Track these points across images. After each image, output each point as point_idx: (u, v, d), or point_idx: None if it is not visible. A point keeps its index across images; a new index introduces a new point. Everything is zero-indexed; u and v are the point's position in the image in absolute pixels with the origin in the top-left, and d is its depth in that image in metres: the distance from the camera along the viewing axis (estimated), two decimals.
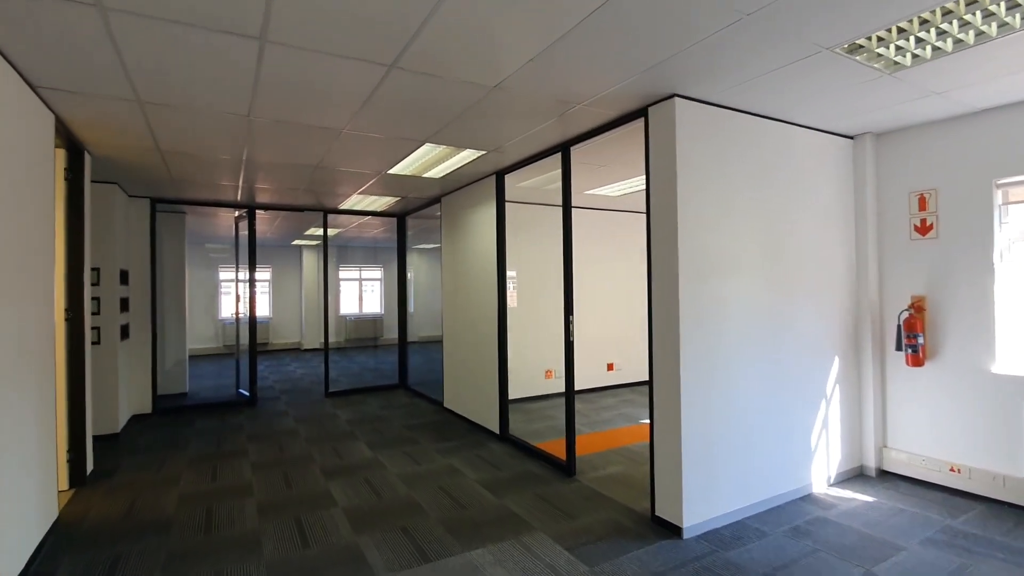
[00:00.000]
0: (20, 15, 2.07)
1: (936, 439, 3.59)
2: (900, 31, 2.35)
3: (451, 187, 5.63)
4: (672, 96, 2.97)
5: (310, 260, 12.29)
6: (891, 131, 3.78)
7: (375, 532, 3.05)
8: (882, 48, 2.49)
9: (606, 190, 5.72)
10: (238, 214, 6.87)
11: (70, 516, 3.30)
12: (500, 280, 4.92)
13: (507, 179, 4.90)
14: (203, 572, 2.65)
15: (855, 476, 3.82)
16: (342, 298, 13.10)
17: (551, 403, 6.25)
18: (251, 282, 6.57)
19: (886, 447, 3.83)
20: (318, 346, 12.27)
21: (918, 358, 3.58)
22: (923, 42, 2.47)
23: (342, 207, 6.77)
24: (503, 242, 4.91)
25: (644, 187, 5.43)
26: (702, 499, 3.02)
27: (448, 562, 2.71)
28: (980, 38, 2.43)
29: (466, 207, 5.57)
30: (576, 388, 4.10)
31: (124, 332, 5.44)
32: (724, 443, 3.13)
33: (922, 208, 3.65)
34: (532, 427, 5.22)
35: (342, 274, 13.13)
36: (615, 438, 4.86)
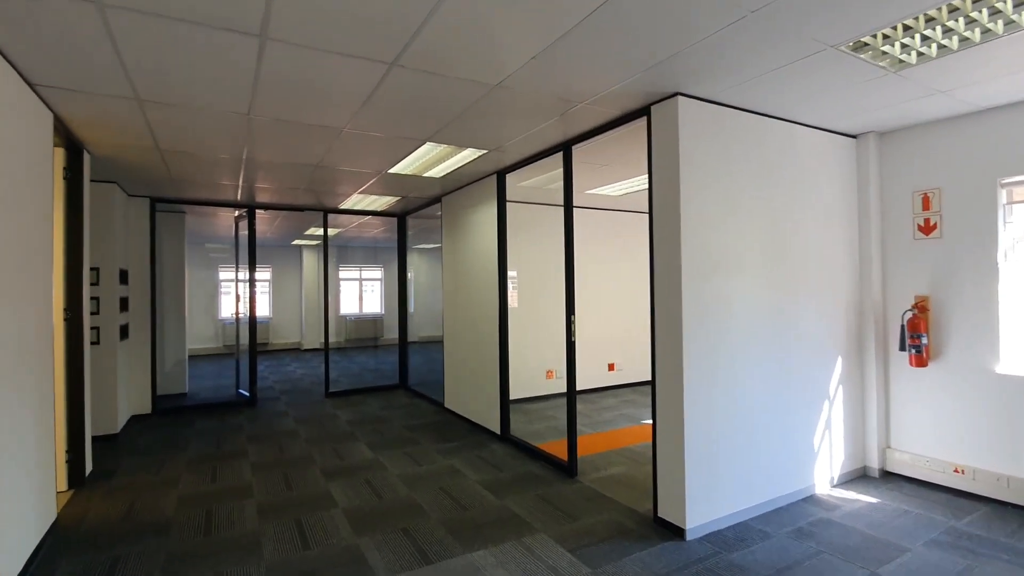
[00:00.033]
0: (18, 12, 2.05)
1: (940, 440, 3.57)
2: (906, 29, 2.33)
3: (452, 187, 5.62)
4: (675, 95, 2.95)
5: (310, 260, 12.28)
6: (895, 130, 3.76)
7: (376, 533, 3.04)
8: (887, 46, 2.47)
9: (607, 190, 5.70)
10: (238, 214, 6.85)
11: (69, 517, 3.28)
12: (501, 280, 4.90)
13: (508, 178, 4.88)
14: (203, 574, 2.63)
15: (858, 477, 3.80)
16: (342, 298, 13.09)
17: (552, 403, 6.23)
18: (251, 282, 6.55)
19: (889, 448, 3.81)
20: (318, 346, 12.26)
21: (922, 358, 3.56)
22: (929, 40, 2.45)
23: (342, 207, 6.75)
24: (504, 242, 4.89)
25: (645, 187, 5.52)
26: (705, 500, 3.00)
27: (449, 563, 2.69)
28: (986, 36, 2.41)
29: (467, 207, 5.55)
30: (577, 388, 4.08)
31: (123, 332, 5.42)
32: (727, 443, 3.11)
33: (926, 207, 3.63)
34: (533, 428, 5.20)
35: (342, 274, 13.12)
36: (617, 439, 4.84)
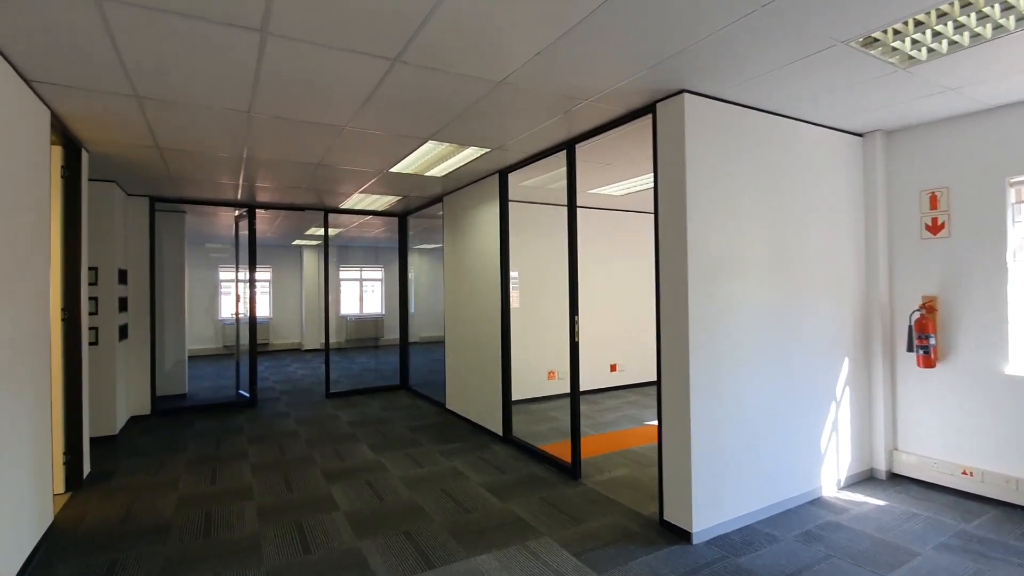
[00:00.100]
0: (15, 7, 2.01)
1: (948, 442, 3.53)
2: (917, 24, 2.29)
3: (453, 186, 5.58)
4: (681, 92, 2.91)
5: (311, 260, 12.24)
6: (902, 128, 3.72)
7: (378, 537, 2.99)
8: (898, 42, 2.43)
9: (610, 189, 5.66)
10: (238, 213, 6.81)
11: (66, 520, 3.23)
12: (503, 280, 4.86)
13: (510, 178, 4.84)
14: None
15: (865, 479, 3.75)
16: (343, 298, 13.05)
17: (554, 404, 6.19)
18: (251, 282, 6.51)
19: (896, 450, 3.77)
20: (318, 347, 12.22)
21: (930, 359, 3.52)
22: (940, 36, 2.41)
23: (343, 206, 6.72)
24: (506, 242, 4.85)
25: (648, 186, 5.48)
26: (711, 503, 2.96)
27: (453, 568, 2.65)
28: (997, 32, 2.38)
29: (469, 206, 5.51)
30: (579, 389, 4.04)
31: (123, 332, 5.38)
32: (733, 445, 3.07)
33: (933, 207, 3.59)
34: (535, 429, 5.16)
35: (343, 274, 13.08)
36: (620, 440, 4.80)
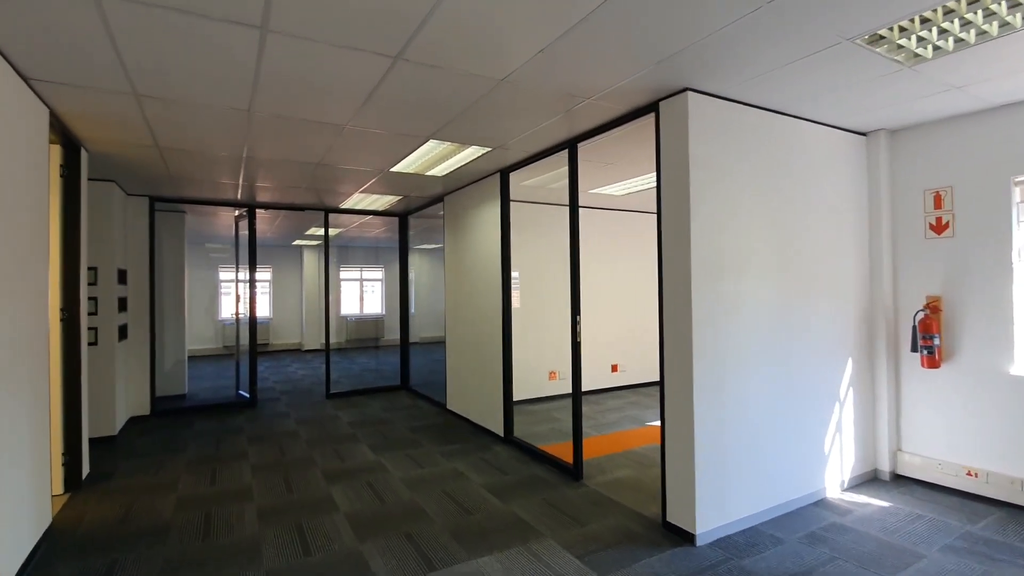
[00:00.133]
0: (12, 4, 1.99)
1: (952, 442, 3.51)
2: (924, 21, 2.27)
3: (454, 186, 5.55)
4: (684, 90, 2.89)
5: (311, 260, 12.22)
6: (906, 127, 3.70)
7: (379, 539, 2.97)
8: (904, 39, 2.41)
9: (611, 189, 5.64)
10: (238, 213, 6.79)
11: (65, 521, 3.21)
12: (505, 280, 4.83)
13: (511, 177, 4.82)
14: None
15: (869, 480, 3.73)
16: (343, 299, 13.02)
17: (555, 405, 6.16)
18: (251, 282, 6.49)
19: (900, 451, 3.75)
20: (319, 347, 12.19)
21: (934, 360, 3.50)
22: (946, 33, 2.39)
23: (343, 206, 6.69)
24: (508, 241, 4.83)
25: (649, 186, 5.46)
26: (714, 504, 2.94)
27: (455, 570, 2.63)
28: (1004, 29, 2.36)
29: (469, 206, 5.49)
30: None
31: (122, 332, 5.36)
32: (737, 446, 3.04)
33: (937, 206, 3.57)
34: (536, 429, 5.14)
35: (343, 274, 13.05)
36: (621, 441, 4.77)
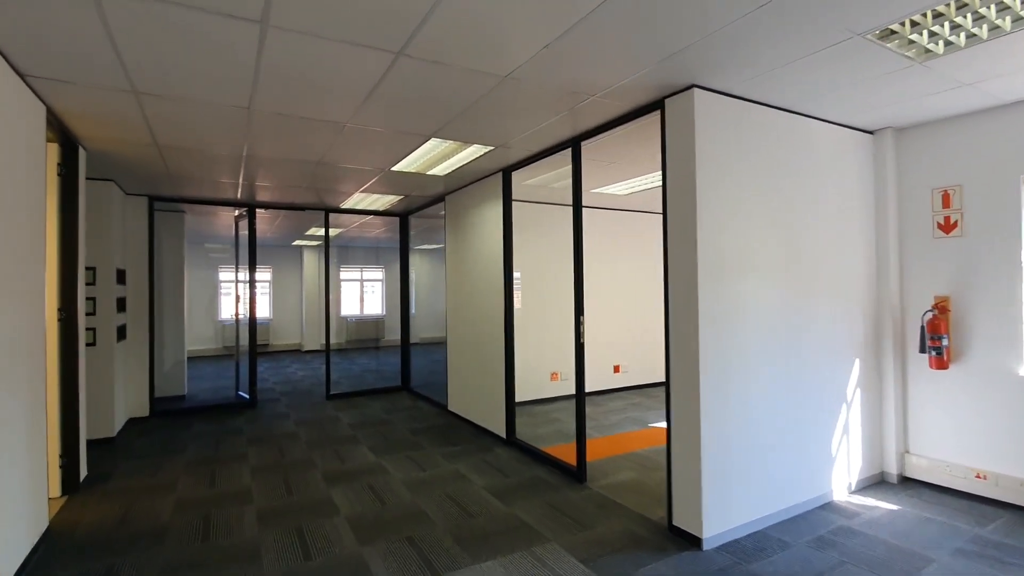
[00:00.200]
0: None
1: (961, 444, 3.46)
2: (936, 16, 2.23)
3: (455, 185, 5.51)
4: (691, 87, 2.84)
5: (311, 260, 12.18)
6: (913, 125, 3.65)
7: (380, 542, 2.92)
8: (915, 34, 2.37)
9: (614, 188, 5.59)
10: (238, 213, 6.75)
11: (62, 524, 3.17)
12: (507, 280, 4.79)
13: (513, 176, 4.77)
14: None
15: (876, 483, 3.68)
16: (343, 299, 12.98)
17: (556, 406, 6.12)
18: (251, 282, 6.44)
19: (908, 453, 3.70)
20: (319, 347, 12.15)
21: (942, 360, 3.45)
22: (958, 28, 2.35)
23: (344, 206, 6.65)
24: (510, 241, 4.78)
25: (652, 185, 5.41)
26: (721, 508, 2.89)
27: (458, 575, 2.58)
28: (1017, 24, 2.31)
29: (471, 206, 5.44)
30: None
31: (121, 333, 5.31)
32: (744, 449, 3.00)
33: (946, 205, 3.52)
34: (539, 431, 5.09)
35: (343, 275, 13.01)
36: (625, 443, 4.73)
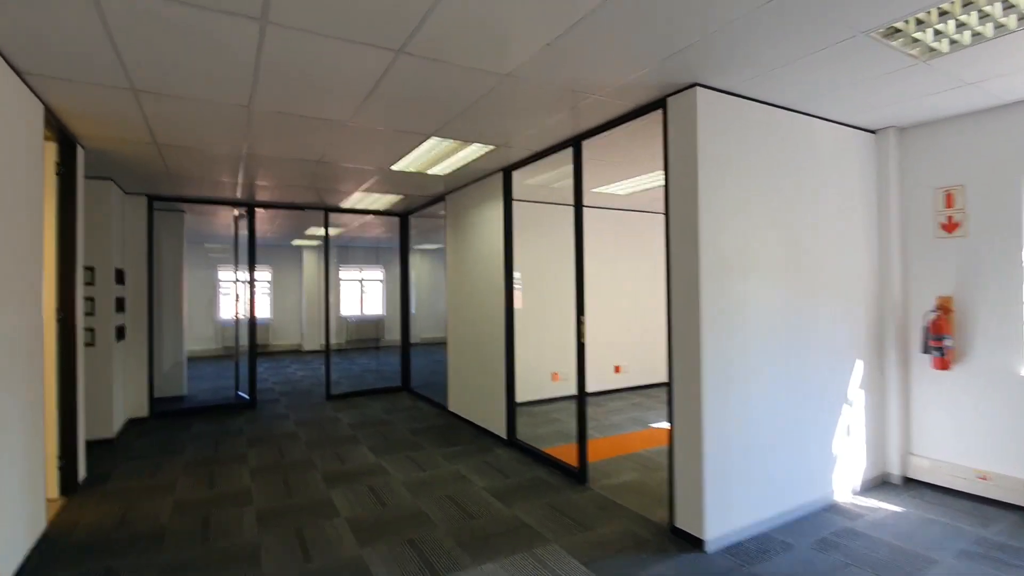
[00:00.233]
0: None
1: (963, 445, 3.44)
2: (942, 13, 2.21)
3: (456, 185, 5.49)
4: (693, 85, 2.82)
5: (311, 260, 12.15)
6: (916, 125, 3.63)
7: (380, 544, 2.90)
8: (920, 32, 2.35)
9: (614, 188, 5.58)
10: (238, 212, 6.72)
11: (60, 526, 3.14)
12: (508, 280, 4.77)
13: (514, 176, 4.75)
14: None
15: (879, 484, 3.66)
16: (343, 299, 12.95)
17: (557, 406, 6.10)
18: (251, 282, 6.42)
19: (911, 454, 3.68)
20: (319, 348, 12.12)
21: (945, 361, 3.44)
22: (964, 26, 2.33)
23: (344, 205, 6.63)
24: (511, 241, 4.76)
25: (652, 185, 5.40)
26: (724, 509, 2.87)
27: None
28: (1023, 22, 2.30)
29: (472, 205, 5.42)
30: None
31: (120, 333, 5.29)
32: (747, 450, 2.98)
33: (948, 205, 3.51)
34: (539, 431, 5.07)
35: (343, 275, 12.98)
36: (626, 443, 4.71)
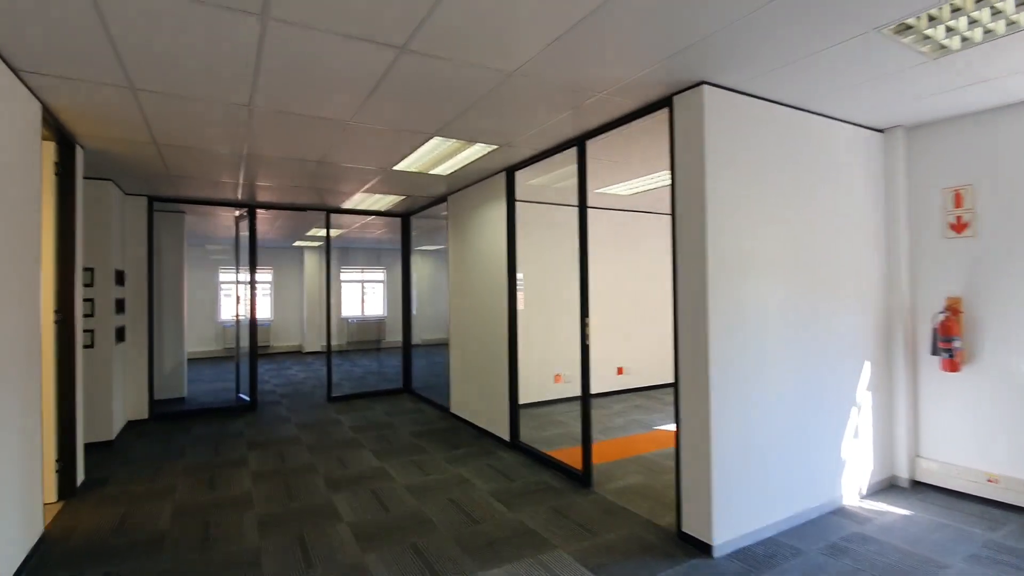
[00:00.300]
0: None
1: (972, 448, 3.40)
2: (954, 10, 2.18)
3: (458, 185, 5.45)
4: (700, 83, 2.78)
5: (312, 261, 12.12)
6: (924, 124, 3.59)
7: (383, 550, 2.86)
8: (931, 29, 2.31)
9: (618, 188, 5.54)
10: (238, 213, 6.69)
11: (58, 530, 3.11)
12: (510, 281, 4.73)
13: (517, 176, 4.71)
14: None
15: (887, 487, 3.62)
16: (344, 300, 12.91)
17: (560, 408, 6.06)
18: (252, 284, 6.38)
19: (919, 456, 3.64)
20: (320, 349, 12.08)
21: (954, 363, 3.39)
22: (976, 23, 2.29)
23: (345, 206, 6.59)
24: (513, 242, 4.72)
25: (655, 186, 5.36)
26: (732, 514, 2.83)
27: None
28: None
29: (474, 206, 5.38)
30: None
31: (120, 335, 5.25)
32: (754, 453, 2.93)
33: (957, 205, 3.46)
34: (543, 434, 5.03)
35: (344, 276, 12.94)
36: (630, 446, 4.66)
